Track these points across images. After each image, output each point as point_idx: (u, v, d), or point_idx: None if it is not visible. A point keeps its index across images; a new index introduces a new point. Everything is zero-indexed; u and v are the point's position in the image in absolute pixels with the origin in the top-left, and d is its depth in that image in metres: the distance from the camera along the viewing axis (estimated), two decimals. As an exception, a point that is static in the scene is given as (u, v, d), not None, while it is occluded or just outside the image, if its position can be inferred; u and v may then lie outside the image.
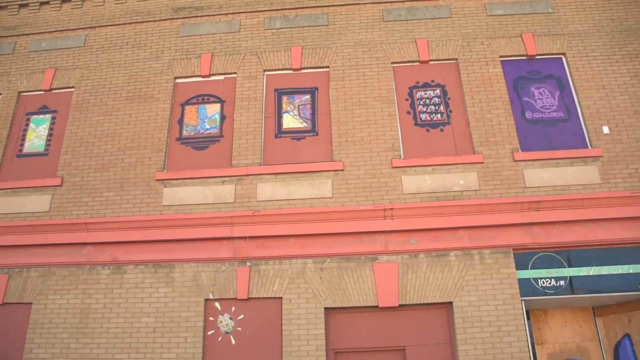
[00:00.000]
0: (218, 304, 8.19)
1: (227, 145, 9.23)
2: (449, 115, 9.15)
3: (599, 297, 8.00)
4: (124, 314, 8.22)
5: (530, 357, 7.47)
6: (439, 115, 9.16)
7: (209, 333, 8.05)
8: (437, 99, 9.30)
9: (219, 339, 8.00)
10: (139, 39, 10.36)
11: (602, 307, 8.53)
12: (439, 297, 7.90)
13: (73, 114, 9.81)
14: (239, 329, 8.02)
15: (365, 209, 8.26)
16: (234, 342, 7.96)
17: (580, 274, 7.98)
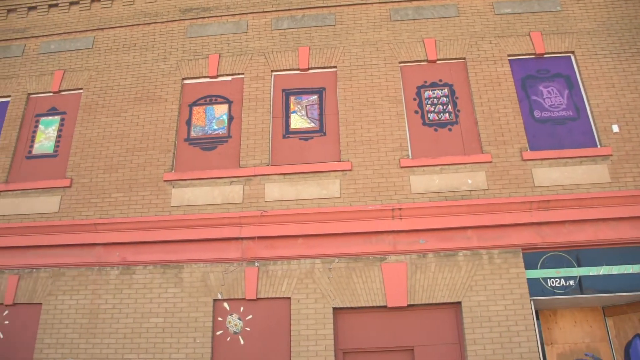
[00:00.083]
0: (227, 304, 8.21)
1: (235, 146, 9.25)
2: (457, 115, 9.12)
3: (609, 297, 7.94)
4: (133, 315, 8.26)
5: (540, 357, 7.44)
6: (447, 115, 9.14)
7: (218, 333, 8.07)
8: (445, 99, 9.28)
9: (228, 339, 8.02)
10: (147, 41, 10.40)
11: (612, 307, 8.46)
12: (448, 297, 7.88)
13: (82, 116, 9.87)
14: (248, 329, 8.03)
15: (374, 209, 8.25)
16: (243, 342, 7.97)
17: (590, 274, 7.93)
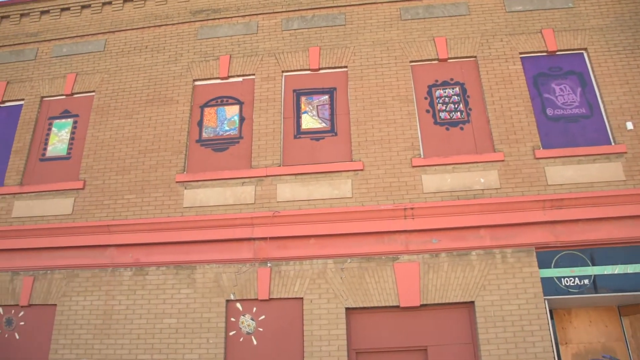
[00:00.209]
0: (239, 305, 8.23)
1: (246, 147, 9.27)
2: (469, 114, 9.08)
3: (625, 296, 7.85)
4: (147, 315, 8.30)
5: (555, 357, 7.38)
6: (459, 114, 9.09)
7: (231, 334, 8.09)
8: (456, 97, 9.23)
9: (241, 340, 8.03)
10: (158, 43, 10.45)
11: (628, 306, 8.37)
12: (461, 296, 7.84)
13: (94, 118, 9.94)
14: (261, 330, 8.04)
15: (386, 209, 8.23)
16: (256, 342, 7.99)
17: (605, 273, 7.85)
